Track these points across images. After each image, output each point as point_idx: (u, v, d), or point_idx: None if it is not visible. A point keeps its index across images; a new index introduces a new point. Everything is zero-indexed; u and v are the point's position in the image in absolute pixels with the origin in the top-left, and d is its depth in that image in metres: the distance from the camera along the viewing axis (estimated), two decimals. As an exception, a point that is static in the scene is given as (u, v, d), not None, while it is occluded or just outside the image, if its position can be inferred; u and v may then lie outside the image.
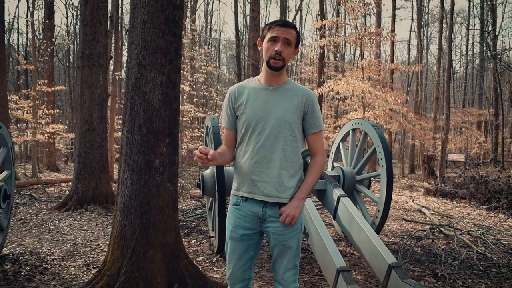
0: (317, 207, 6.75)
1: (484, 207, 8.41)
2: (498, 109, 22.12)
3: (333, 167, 5.84)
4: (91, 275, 3.76)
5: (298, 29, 2.21)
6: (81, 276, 3.89)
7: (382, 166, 4.70)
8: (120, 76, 14.63)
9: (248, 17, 30.31)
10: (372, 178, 6.05)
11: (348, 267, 2.87)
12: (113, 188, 7.93)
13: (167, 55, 3.18)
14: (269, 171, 2.13)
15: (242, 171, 2.18)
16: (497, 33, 23.35)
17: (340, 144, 5.79)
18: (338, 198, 3.99)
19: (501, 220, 7.05)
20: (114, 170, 12.25)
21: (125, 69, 3.48)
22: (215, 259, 4.43)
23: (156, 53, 3.13)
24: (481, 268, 4.24)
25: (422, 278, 3.95)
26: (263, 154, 2.12)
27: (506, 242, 5.38)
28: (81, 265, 4.22)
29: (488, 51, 19.21)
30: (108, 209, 7.23)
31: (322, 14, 16.46)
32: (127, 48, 3.32)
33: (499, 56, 17.89)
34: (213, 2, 38.05)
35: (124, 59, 26.36)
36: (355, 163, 5.24)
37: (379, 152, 4.76)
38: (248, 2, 25.15)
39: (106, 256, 3.26)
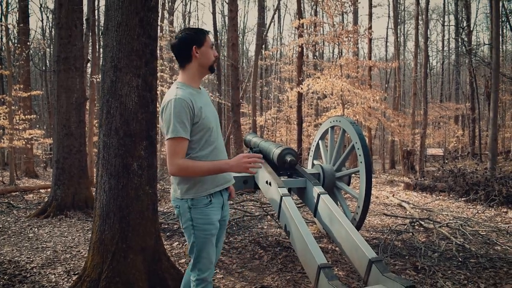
0: (298, 205, 6.79)
1: (462, 199, 8.57)
2: (474, 103, 22.61)
3: (313, 164, 5.88)
4: (72, 281, 3.71)
5: None
6: (61, 283, 3.84)
7: (361, 162, 4.75)
8: (97, 79, 14.44)
9: (226, 18, 30.27)
10: (352, 175, 6.11)
11: (329, 263, 2.89)
12: (93, 193, 7.83)
13: (143, 57, 3.17)
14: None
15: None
16: (471, 29, 23.84)
17: (320, 141, 5.83)
18: (318, 196, 4.02)
19: (479, 212, 7.20)
20: (94, 175, 12.09)
21: (100, 72, 3.44)
22: (197, 260, 4.41)
23: (131, 56, 3.11)
24: (460, 259, 4.32)
25: (403, 272, 4.01)
26: (222, 151, 2.41)
27: (484, 233, 5.50)
28: (62, 272, 4.16)
29: (463, 47, 19.59)
30: (89, 215, 7.13)
31: (300, 13, 16.55)
32: (102, 51, 3.29)
33: (474, 51, 18.26)
34: (190, 3, 37.91)
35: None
36: (335, 160, 5.28)
37: (358, 148, 4.80)
38: (226, 2, 25.10)
39: (86, 262, 3.23)
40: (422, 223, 6.02)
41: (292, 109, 25.14)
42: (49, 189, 10.55)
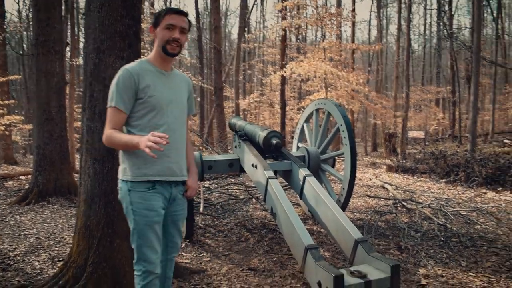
0: (283, 188, 6.83)
1: (443, 180, 8.74)
2: (455, 87, 22.88)
3: (298, 147, 5.89)
4: (57, 268, 3.68)
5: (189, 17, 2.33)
6: (46, 270, 3.80)
7: (346, 144, 4.78)
8: (77, 63, 14.14)
9: (208, 0, 29.84)
10: (336, 157, 6.15)
11: (316, 244, 2.92)
12: (76, 179, 7.73)
13: (126, 39, 3.09)
14: (179, 153, 2.32)
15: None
16: (453, 13, 23.99)
17: (304, 124, 5.84)
18: (304, 178, 4.03)
19: (459, 193, 7.35)
20: (76, 161, 11.93)
21: (82, 54, 3.36)
22: (183, 244, 4.41)
23: (114, 37, 3.03)
24: (442, 239, 4.42)
25: (387, 251, 4.09)
26: (172, 137, 2.20)
27: (465, 213, 5.62)
28: (46, 259, 4.11)
29: (445, 30, 19.73)
30: (71, 201, 7.04)
31: (283, -5, 16.37)
32: (84, 32, 3.20)
33: (455, 35, 18.42)
34: (172, -15, 37.14)
35: (82, 45, 25.54)
36: (320, 143, 5.31)
37: (343, 131, 4.83)
38: (207, -16, 24.72)
39: (71, 248, 3.19)
40: (405, 204, 6.13)
41: (275, 93, 25.13)
42: (29, 176, 10.37)
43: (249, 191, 7.00)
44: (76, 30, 16.95)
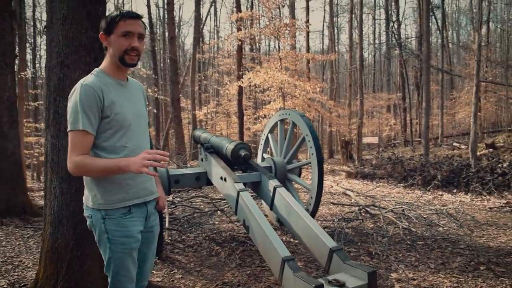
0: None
1: (401, 185, 9.03)
2: (405, 93, 23.83)
3: (263, 158, 5.90)
4: (19, 294, 3.47)
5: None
6: (6, 297, 3.57)
7: (312, 154, 4.83)
8: (26, 76, 13.56)
9: (161, 10, 29.57)
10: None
11: (292, 256, 2.91)
12: (30, 198, 7.37)
13: (92, 52, 2.98)
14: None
15: (124, 176, 2.00)
16: (400, 23, 25.04)
17: (269, 135, 5.86)
18: (274, 189, 4.04)
19: (418, 196, 7.62)
20: (27, 178, 11.40)
21: (44, 68, 3.22)
22: (153, 262, 4.28)
23: (79, 51, 2.92)
24: (409, 242, 4.55)
25: (358, 258, 4.15)
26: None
27: (426, 216, 5.82)
28: (6, 286, 3.86)
29: (394, 39, 20.54)
30: (27, 221, 6.69)
31: (238, 7, 16.55)
32: (47, 46, 3.05)
33: (403, 44, 19.21)
34: (123, -4, 36.49)
35: (29, 57, 24.54)
36: (285, 153, 5.34)
37: (309, 141, 4.88)
38: (161, -5, 24.51)
39: (37, 274, 3.03)
40: (368, 209, 6.26)
41: (231, 103, 25.17)
42: (-22, 196, 9.78)
43: (214, 203, 6.92)
44: (24, 41, 16.27)
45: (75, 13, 2.92)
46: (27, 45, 20.69)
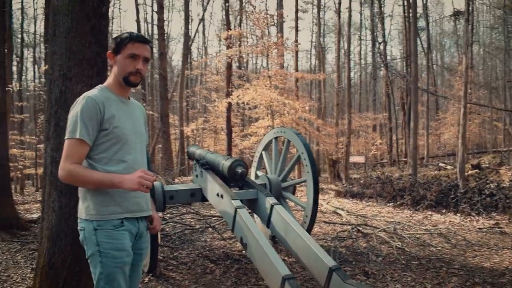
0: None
1: (390, 204, 9.07)
2: (391, 113, 24.15)
3: (256, 175, 5.88)
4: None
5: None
6: (-5, 314, 3.46)
7: (308, 172, 4.84)
8: (13, 89, 13.40)
9: (150, 25, 29.67)
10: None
11: (292, 274, 2.89)
12: (16, 211, 7.20)
13: (95, 66, 2.98)
14: None
15: (118, 190, 2.00)
16: (387, 44, 25.53)
17: (263, 152, 5.86)
18: (272, 206, 4.02)
19: (408, 216, 7.66)
20: (15, 191, 11.15)
21: (45, 80, 3.18)
22: (147, 279, 4.20)
23: (82, 64, 2.91)
24: (403, 262, 4.55)
25: (354, 277, 4.13)
26: (138, 170, 2.04)
27: (419, 235, 5.85)
28: (-6, 302, 3.75)
29: (380, 60, 20.91)
30: (14, 235, 6.53)
31: (228, 24, 16.70)
32: (49, 58, 3.04)
33: (390, 65, 19.56)
34: (113, 11, 36.48)
35: (15, 69, 24.27)
36: (280, 171, 5.34)
37: (304, 159, 4.89)
38: (154, 11, 24.60)
39: (30, 290, 2.94)
40: (360, 228, 6.27)
41: (218, 119, 25.18)
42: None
43: (206, 220, 6.86)
44: (13, 54, 16.13)
45: (80, 27, 2.92)
46: (14, 56, 20.49)
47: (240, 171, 4.32)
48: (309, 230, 4.93)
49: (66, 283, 2.80)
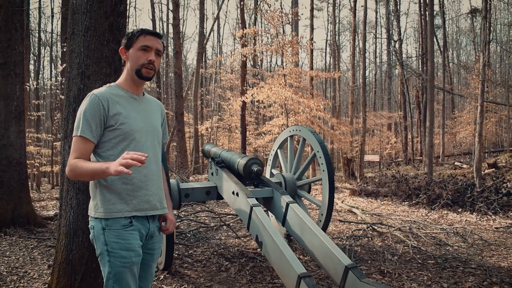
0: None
1: (406, 203, 8.99)
2: (406, 112, 23.91)
3: (271, 174, 5.89)
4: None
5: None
6: (15, 308, 3.53)
7: (324, 170, 4.83)
8: (31, 87, 13.62)
9: (165, 24, 29.84)
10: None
11: (308, 273, 2.89)
12: (34, 208, 7.33)
13: (112, 64, 3.01)
14: (156, 183, 2.13)
15: (125, 187, 2.01)
16: (402, 42, 25.26)
17: (278, 151, 5.87)
18: (287, 205, 4.03)
19: (423, 215, 7.59)
20: (31, 188, 11.35)
21: (64, 79, 3.23)
22: (162, 276, 4.24)
23: (100, 62, 2.95)
24: (419, 261, 4.52)
25: (370, 276, 4.12)
26: (149, 167, 2.07)
27: (435, 235, 5.79)
28: (14, 297, 3.82)
29: (396, 58, 20.70)
30: (31, 231, 6.65)
31: (243, 23, 16.68)
32: (67, 56, 3.07)
33: (405, 63, 19.36)
34: (128, 10, 36.76)
35: (32, 67, 24.63)
36: (295, 169, 5.34)
37: (320, 157, 4.89)
38: (170, 10, 24.76)
39: (50, 285, 2.99)
40: (375, 227, 6.23)
41: (233, 118, 25.22)
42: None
43: (220, 218, 6.89)
44: (31, 52, 16.37)
45: (98, 25, 2.95)
46: (32, 55, 20.82)
47: (255, 169, 4.33)
48: (324, 228, 4.93)
49: (83, 279, 2.83)
